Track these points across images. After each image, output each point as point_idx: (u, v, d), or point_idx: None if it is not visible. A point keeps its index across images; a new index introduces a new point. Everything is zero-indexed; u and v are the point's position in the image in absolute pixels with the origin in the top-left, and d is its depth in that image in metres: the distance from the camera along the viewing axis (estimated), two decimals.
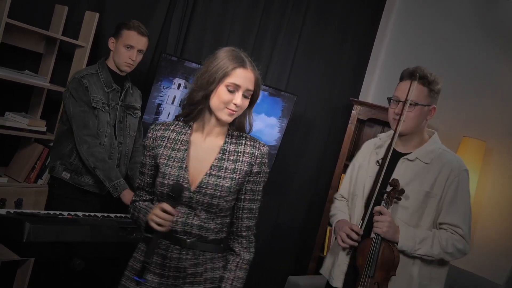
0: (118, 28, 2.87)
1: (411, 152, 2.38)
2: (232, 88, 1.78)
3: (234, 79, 1.78)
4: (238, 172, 1.83)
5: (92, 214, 2.46)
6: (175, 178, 1.80)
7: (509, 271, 3.33)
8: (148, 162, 1.89)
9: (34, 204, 3.04)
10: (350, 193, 2.54)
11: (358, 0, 4.38)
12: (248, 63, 1.81)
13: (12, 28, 2.79)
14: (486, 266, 3.56)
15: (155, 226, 1.72)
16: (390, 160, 2.32)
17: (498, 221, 3.62)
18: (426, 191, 2.32)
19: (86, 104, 2.75)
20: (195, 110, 1.83)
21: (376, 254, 2.25)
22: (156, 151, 1.86)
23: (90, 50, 3.11)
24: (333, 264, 2.47)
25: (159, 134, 1.87)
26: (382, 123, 4.16)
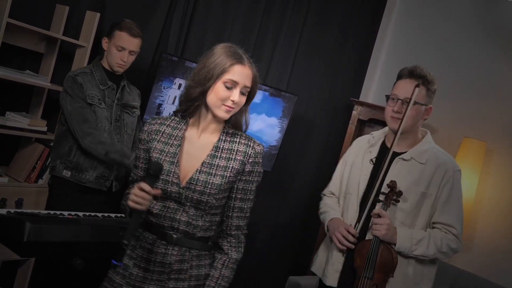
0: (111, 28, 2.84)
1: (406, 152, 2.39)
2: (230, 85, 1.76)
3: (232, 75, 1.76)
4: (229, 170, 1.80)
5: (93, 214, 2.46)
6: (166, 173, 1.78)
7: None
8: (142, 156, 1.88)
9: (34, 204, 3.04)
10: (342, 191, 2.53)
11: (359, 1, 4.38)
12: (245, 60, 1.79)
13: (13, 28, 2.80)
14: (486, 266, 3.56)
15: (133, 204, 1.69)
16: (384, 159, 2.32)
17: (498, 221, 3.62)
18: (422, 191, 2.32)
19: (83, 100, 2.73)
20: (192, 106, 1.82)
21: (374, 256, 2.25)
22: (150, 145, 1.85)
23: (90, 50, 3.11)
24: (326, 262, 2.46)
25: (154, 128, 1.86)
26: (383, 124, 4.12)
